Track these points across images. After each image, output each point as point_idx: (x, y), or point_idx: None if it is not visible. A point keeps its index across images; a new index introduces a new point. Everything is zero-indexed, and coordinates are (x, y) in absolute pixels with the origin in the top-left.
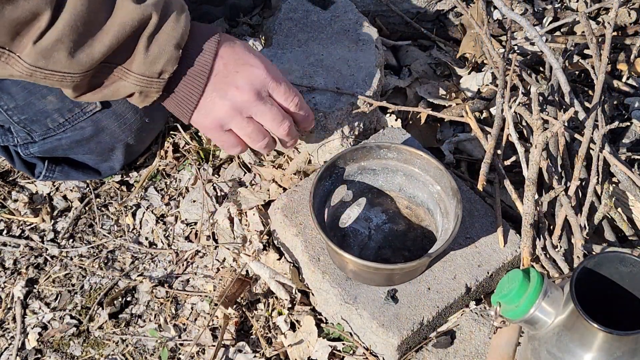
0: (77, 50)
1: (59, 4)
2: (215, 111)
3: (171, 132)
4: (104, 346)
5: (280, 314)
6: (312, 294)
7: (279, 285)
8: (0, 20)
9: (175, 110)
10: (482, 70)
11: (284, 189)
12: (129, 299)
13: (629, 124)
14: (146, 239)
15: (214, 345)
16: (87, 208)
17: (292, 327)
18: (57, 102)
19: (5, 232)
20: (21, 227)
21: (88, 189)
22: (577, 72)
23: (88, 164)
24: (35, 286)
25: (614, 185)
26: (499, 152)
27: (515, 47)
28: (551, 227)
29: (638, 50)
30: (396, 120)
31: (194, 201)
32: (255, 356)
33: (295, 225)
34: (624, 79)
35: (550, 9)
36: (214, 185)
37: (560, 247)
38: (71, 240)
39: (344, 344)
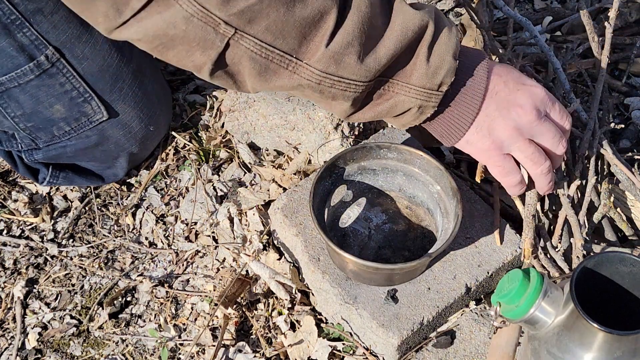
0: (366, 55)
1: (344, 3)
2: (497, 131)
3: (171, 133)
4: (104, 346)
5: (280, 314)
6: (312, 294)
7: (279, 285)
8: (290, 20)
9: (444, 130)
10: None
11: (284, 189)
12: (129, 299)
13: (629, 123)
14: (146, 239)
15: (214, 345)
16: (87, 208)
17: (292, 327)
18: (65, 111)
19: (5, 232)
20: (21, 227)
21: (88, 189)
22: (577, 72)
23: (92, 170)
24: (35, 286)
25: (613, 185)
26: None
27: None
28: (551, 227)
29: (638, 50)
30: None
31: (194, 201)
32: (255, 356)
33: (295, 225)
34: (624, 79)
35: (550, 9)
36: (214, 185)
37: (560, 247)
38: (71, 240)
39: (344, 344)
